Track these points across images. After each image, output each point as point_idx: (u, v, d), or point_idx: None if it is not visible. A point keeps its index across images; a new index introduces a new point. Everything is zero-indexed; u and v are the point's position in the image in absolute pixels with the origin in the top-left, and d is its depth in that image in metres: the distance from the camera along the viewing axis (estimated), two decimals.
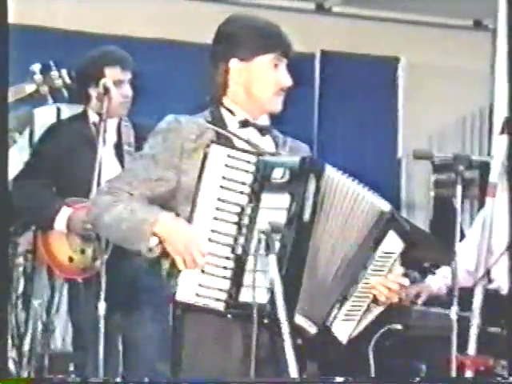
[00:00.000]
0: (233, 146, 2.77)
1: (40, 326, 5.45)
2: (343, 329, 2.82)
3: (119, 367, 4.32)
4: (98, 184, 3.85)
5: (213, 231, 2.70)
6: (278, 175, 2.70)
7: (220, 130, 2.81)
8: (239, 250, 2.70)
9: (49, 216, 4.18)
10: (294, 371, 2.53)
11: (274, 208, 2.69)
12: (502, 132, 4.24)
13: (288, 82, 2.88)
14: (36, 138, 6.03)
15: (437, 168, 6.00)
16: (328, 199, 2.75)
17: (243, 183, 2.72)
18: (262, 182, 2.71)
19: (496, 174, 4.12)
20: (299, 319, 2.71)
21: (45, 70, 3.48)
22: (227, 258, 2.70)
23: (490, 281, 4.23)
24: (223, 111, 2.88)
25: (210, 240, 2.70)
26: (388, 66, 7.01)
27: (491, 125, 5.94)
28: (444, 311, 4.19)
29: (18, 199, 4.28)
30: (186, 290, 2.71)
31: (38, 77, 3.46)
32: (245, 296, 2.66)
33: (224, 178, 2.72)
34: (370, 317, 2.90)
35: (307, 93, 6.45)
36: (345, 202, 2.77)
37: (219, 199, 2.71)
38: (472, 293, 4.17)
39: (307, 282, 2.72)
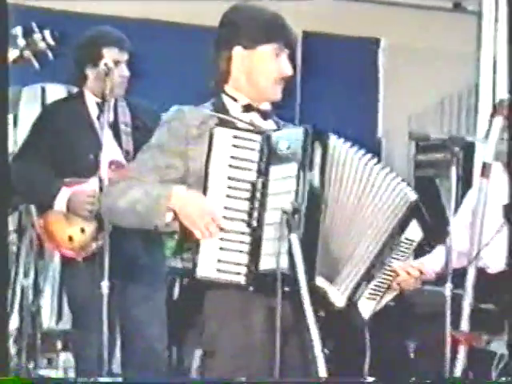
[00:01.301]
0: (237, 128, 2.83)
1: (29, 305, 5.44)
2: (367, 306, 2.91)
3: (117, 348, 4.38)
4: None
5: (226, 208, 2.76)
6: (283, 147, 2.78)
7: (222, 116, 2.88)
8: (254, 224, 2.76)
9: (49, 196, 4.18)
10: (316, 341, 2.57)
11: (284, 178, 2.76)
12: (494, 114, 4.30)
13: (289, 71, 2.95)
14: (20, 116, 6.08)
15: (420, 149, 6.06)
16: (337, 167, 2.83)
17: (251, 160, 2.79)
18: (269, 156, 2.78)
19: (491, 156, 4.17)
20: (320, 281, 2.79)
21: (27, 33, 3.41)
22: (243, 233, 2.77)
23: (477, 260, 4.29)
24: (225, 99, 2.96)
25: (224, 217, 2.75)
26: (369, 47, 7.06)
27: (476, 106, 6.00)
28: (438, 289, 4.25)
29: (18, 179, 4.27)
30: (207, 266, 2.75)
31: (21, 40, 3.40)
32: (264, 264, 2.72)
33: (232, 157, 2.78)
34: (387, 298, 2.98)
35: None
36: (357, 175, 2.86)
37: (229, 178, 2.78)
38: (461, 271, 4.26)
39: (325, 247, 2.79)
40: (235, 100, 2.94)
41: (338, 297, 2.85)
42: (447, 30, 6.92)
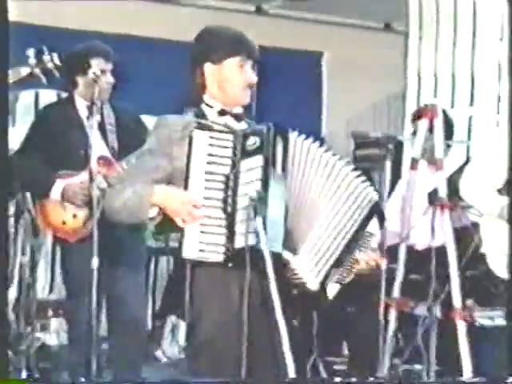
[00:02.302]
0: (213, 130, 2.82)
1: (25, 279, 5.40)
2: (332, 289, 2.93)
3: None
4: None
5: (205, 198, 2.76)
6: (251, 143, 2.78)
7: (201, 121, 2.87)
8: (229, 210, 2.76)
9: (46, 188, 4.16)
10: (278, 311, 2.58)
11: (252, 169, 2.76)
12: (419, 117, 4.32)
13: (253, 78, 2.95)
14: (18, 118, 6.01)
15: (358, 145, 6.08)
16: (298, 157, 2.83)
17: (225, 156, 2.79)
18: (239, 152, 2.78)
19: (418, 152, 4.21)
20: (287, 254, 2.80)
21: (38, 54, 3.41)
22: (220, 218, 2.77)
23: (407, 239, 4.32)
24: (204, 107, 2.96)
25: (204, 206, 2.75)
26: (313, 59, 7.07)
27: (403, 110, 6.04)
28: None
29: (19, 172, 4.27)
30: (190, 248, 2.76)
31: (33, 60, 3.40)
32: (239, 243, 2.73)
33: (209, 154, 2.78)
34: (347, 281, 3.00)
35: None
36: (320, 167, 2.84)
37: (207, 172, 2.78)
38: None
39: (287, 229, 2.79)
40: (211, 107, 2.94)
41: (312, 280, 2.86)
42: (380, 46, 6.98)
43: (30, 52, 3.39)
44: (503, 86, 5.50)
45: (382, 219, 2.99)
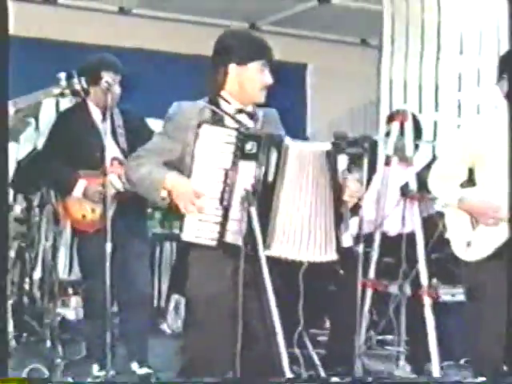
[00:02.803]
0: (221, 125, 2.80)
1: (48, 261, 5.39)
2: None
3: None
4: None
5: (206, 189, 2.75)
6: (248, 148, 2.76)
7: (215, 109, 2.86)
8: (225, 202, 2.74)
9: (69, 187, 4.16)
10: (269, 287, 2.57)
11: (247, 169, 2.75)
12: (392, 120, 4.32)
13: (270, 81, 2.92)
14: (42, 123, 5.99)
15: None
16: (289, 163, 2.80)
17: (226, 152, 2.76)
18: (239, 153, 2.76)
19: (391, 150, 4.20)
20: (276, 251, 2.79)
21: (68, 78, 3.41)
22: (217, 209, 2.75)
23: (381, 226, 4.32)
24: (220, 99, 2.91)
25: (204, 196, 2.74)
26: (299, 70, 7.09)
27: (378, 114, 6.04)
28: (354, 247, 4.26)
29: (42, 171, 4.36)
30: (189, 233, 2.76)
31: (63, 82, 3.39)
32: (230, 236, 2.73)
33: (213, 149, 2.76)
34: None
35: None
36: (303, 163, 2.82)
37: (210, 165, 2.76)
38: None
39: (272, 218, 2.78)
40: (229, 103, 2.90)
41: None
42: (357, 58, 7.01)
43: (62, 75, 3.38)
44: (463, 93, 5.54)
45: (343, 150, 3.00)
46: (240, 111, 2.90)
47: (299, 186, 2.82)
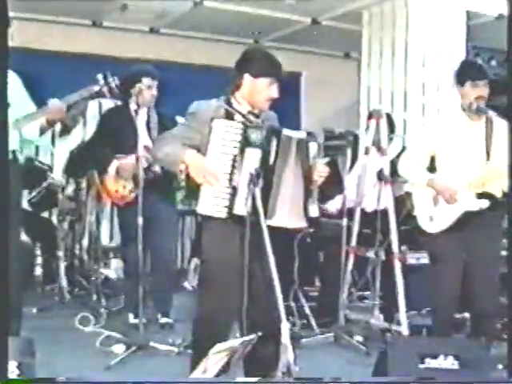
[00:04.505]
0: (230, 119, 2.75)
1: (93, 231, 5.37)
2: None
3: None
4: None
5: (214, 176, 2.70)
6: (254, 137, 2.71)
7: (228, 107, 2.80)
8: (234, 183, 2.70)
9: (106, 165, 4.10)
10: (270, 252, 2.53)
11: (252, 158, 2.70)
12: (370, 118, 4.26)
13: (275, 95, 2.85)
14: (88, 120, 5.94)
15: (326, 138, 6.04)
16: (284, 151, 2.76)
17: (235, 141, 2.72)
18: (245, 142, 2.71)
19: (370, 142, 4.14)
20: (274, 222, 2.73)
21: (105, 78, 3.32)
22: (226, 187, 2.71)
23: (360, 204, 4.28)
24: (233, 99, 2.85)
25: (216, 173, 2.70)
26: (294, 77, 6.96)
27: (358, 113, 5.98)
28: (338, 221, 4.23)
29: (89, 156, 4.30)
30: (203, 206, 2.72)
31: (101, 81, 3.30)
32: (238, 206, 2.69)
33: (223, 139, 2.72)
34: None
35: None
36: (299, 155, 2.79)
37: (221, 152, 2.72)
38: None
39: (273, 195, 2.74)
40: (240, 104, 2.84)
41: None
42: (339, 69, 6.92)
43: (100, 76, 3.30)
44: (426, 98, 5.49)
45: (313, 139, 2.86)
46: (248, 112, 2.84)
47: (287, 166, 2.79)
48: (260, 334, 2.50)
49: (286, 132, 2.79)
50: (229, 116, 2.77)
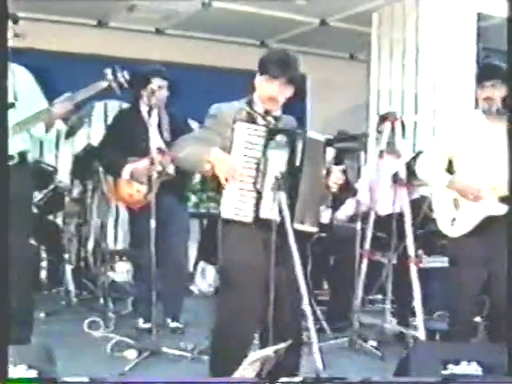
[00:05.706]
0: (252, 122, 2.69)
1: (99, 234, 5.30)
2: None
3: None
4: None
5: (241, 175, 2.64)
6: (279, 139, 2.65)
7: (249, 110, 2.74)
8: (258, 186, 2.64)
9: (119, 169, 4.02)
10: (296, 257, 2.47)
11: (278, 157, 2.65)
12: (384, 120, 4.20)
13: (272, 93, 2.72)
14: (93, 122, 5.88)
15: (340, 140, 5.97)
16: (310, 153, 2.71)
17: (258, 144, 2.65)
18: (269, 143, 2.65)
19: (384, 146, 4.09)
20: (297, 225, 2.67)
21: (113, 72, 3.18)
22: (251, 191, 2.65)
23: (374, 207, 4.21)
24: (253, 101, 2.79)
25: (241, 181, 2.63)
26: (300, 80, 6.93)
27: (367, 116, 5.93)
28: (352, 225, 4.18)
29: (100, 158, 4.20)
30: (227, 211, 2.65)
31: (110, 76, 3.16)
32: (264, 211, 2.63)
33: (246, 141, 2.65)
34: None
35: None
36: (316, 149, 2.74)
37: (245, 155, 2.65)
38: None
39: (300, 199, 2.69)
40: (256, 104, 2.78)
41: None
42: (346, 70, 6.86)
43: (108, 71, 3.17)
44: (437, 100, 5.45)
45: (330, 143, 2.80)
46: (266, 113, 2.76)
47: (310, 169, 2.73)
48: (290, 341, 2.43)
49: (311, 135, 2.74)
50: (251, 118, 2.72)
